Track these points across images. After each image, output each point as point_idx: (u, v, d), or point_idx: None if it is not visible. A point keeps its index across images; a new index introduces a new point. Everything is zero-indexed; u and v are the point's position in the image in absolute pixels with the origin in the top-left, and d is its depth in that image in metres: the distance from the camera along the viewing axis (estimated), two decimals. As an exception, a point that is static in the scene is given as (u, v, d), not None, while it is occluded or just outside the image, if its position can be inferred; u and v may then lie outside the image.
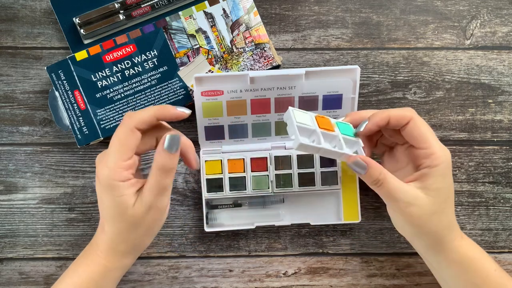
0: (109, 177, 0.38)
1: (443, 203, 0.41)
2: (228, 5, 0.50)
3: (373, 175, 0.40)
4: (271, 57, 0.51)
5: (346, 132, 0.42)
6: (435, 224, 0.41)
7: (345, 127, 0.43)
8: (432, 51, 0.54)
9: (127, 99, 0.50)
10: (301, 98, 0.49)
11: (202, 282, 0.51)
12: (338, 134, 0.41)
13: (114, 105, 0.50)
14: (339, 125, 0.43)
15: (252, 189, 0.49)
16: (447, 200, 0.41)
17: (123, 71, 0.50)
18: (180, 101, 0.50)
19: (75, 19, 0.50)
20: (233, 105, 0.48)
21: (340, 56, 0.53)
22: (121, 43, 0.50)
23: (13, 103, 0.52)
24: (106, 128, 0.49)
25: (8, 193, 0.51)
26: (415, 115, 0.41)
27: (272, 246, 0.52)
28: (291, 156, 0.50)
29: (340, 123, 0.43)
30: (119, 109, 0.50)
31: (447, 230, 0.42)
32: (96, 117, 0.49)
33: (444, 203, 0.41)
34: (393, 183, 0.40)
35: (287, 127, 0.41)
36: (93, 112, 0.49)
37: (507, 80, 0.54)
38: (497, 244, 0.52)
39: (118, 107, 0.50)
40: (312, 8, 0.54)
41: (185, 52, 0.50)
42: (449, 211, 0.42)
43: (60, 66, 0.49)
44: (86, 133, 0.49)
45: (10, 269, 0.51)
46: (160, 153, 0.38)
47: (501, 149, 0.53)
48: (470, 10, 0.54)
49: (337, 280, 0.52)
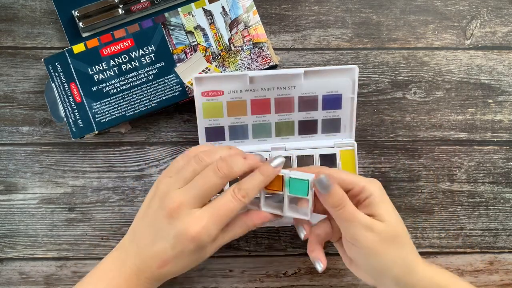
0: (203, 240, 0.37)
1: (397, 225, 0.39)
2: (227, 3, 0.50)
3: (338, 193, 0.38)
4: (268, 57, 0.50)
5: (296, 191, 0.40)
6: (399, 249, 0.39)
7: (299, 184, 0.40)
8: (432, 51, 0.53)
9: (123, 94, 0.49)
10: (300, 98, 0.48)
11: (202, 282, 0.51)
12: (284, 195, 0.41)
13: (110, 99, 0.49)
14: (292, 183, 0.40)
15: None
16: (400, 222, 0.40)
17: (120, 66, 0.49)
18: (176, 98, 0.49)
19: (74, 12, 0.49)
20: (233, 106, 0.48)
21: (340, 56, 0.53)
22: (119, 37, 0.49)
23: (13, 103, 0.51)
24: (101, 122, 0.49)
25: (8, 193, 0.51)
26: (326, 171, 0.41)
27: (272, 246, 0.52)
28: (291, 157, 0.49)
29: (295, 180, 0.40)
30: (114, 103, 0.49)
31: (413, 257, 0.39)
32: (91, 110, 0.49)
33: (399, 225, 0.39)
34: (352, 206, 0.39)
35: None
36: (89, 105, 0.49)
37: (507, 80, 0.53)
38: (497, 244, 0.52)
39: (114, 101, 0.49)
40: (312, 8, 0.53)
41: (182, 48, 0.50)
42: (407, 236, 0.40)
43: (57, 58, 0.48)
44: (81, 126, 0.49)
45: (10, 269, 0.50)
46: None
47: (501, 149, 0.52)
48: (470, 10, 0.53)
49: (337, 280, 0.51)
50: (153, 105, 0.49)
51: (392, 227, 0.39)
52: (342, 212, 0.39)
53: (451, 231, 0.52)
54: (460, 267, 0.52)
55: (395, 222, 0.39)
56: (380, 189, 0.40)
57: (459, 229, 0.52)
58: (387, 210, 0.39)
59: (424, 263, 0.40)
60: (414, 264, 0.39)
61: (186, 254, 0.37)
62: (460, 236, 0.52)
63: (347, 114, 0.49)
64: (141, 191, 0.51)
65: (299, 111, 0.49)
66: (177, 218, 0.37)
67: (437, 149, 0.52)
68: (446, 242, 0.52)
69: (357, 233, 0.38)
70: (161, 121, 0.52)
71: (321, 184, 0.39)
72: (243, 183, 0.39)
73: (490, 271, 0.52)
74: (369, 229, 0.38)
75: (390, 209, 0.40)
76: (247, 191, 0.38)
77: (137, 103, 0.49)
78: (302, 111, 0.49)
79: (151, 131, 0.52)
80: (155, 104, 0.49)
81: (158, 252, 0.37)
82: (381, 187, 0.41)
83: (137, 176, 0.51)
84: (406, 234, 0.40)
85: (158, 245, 0.37)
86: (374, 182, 0.41)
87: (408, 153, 0.52)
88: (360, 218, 0.38)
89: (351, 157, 0.49)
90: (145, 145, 0.52)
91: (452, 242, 0.52)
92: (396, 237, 0.39)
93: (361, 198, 0.40)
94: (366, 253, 0.39)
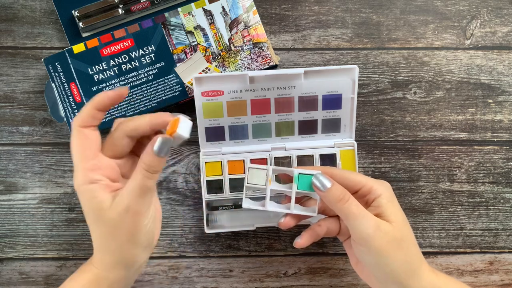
0: (78, 182, 0.34)
1: (404, 227, 0.38)
2: (227, 3, 0.49)
3: (338, 188, 0.37)
4: (268, 57, 0.49)
5: (304, 187, 0.40)
6: (405, 252, 0.37)
7: (307, 180, 0.40)
8: (432, 51, 0.52)
9: (122, 93, 0.48)
10: (300, 98, 0.47)
11: (202, 282, 0.50)
12: (293, 192, 0.40)
13: None
14: (300, 179, 0.40)
15: (253, 190, 0.48)
16: (407, 225, 0.38)
17: (120, 66, 0.48)
18: (176, 98, 0.48)
19: (74, 12, 0.48)
20: (233, 106, 0.47)
21: (340, 56, 0.52)
22: (119, 37, 0.48)
23: (13, 103, 0.50)
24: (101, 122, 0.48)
25: (8, 193, 0.50)
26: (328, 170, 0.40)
27: (272, 246, 0.51)
28: (291, 157, 0.48)
29: (303, 175, 0.40)
30: (114, 103, 0.48)
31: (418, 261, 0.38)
32: None
33: (405, 227, 0.38)
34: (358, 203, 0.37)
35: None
36: None
37: (507, 80, 0.52)
38: (497, 244, 0.51)
39: (114, 101, 0.48)
40: (312, 8, 0.52)
41: (182, 48, 0.49)
42: (413, 239, 0.39)
43: (57, 58, 0.47)
44: None
45: (10, 269, 0.50)
46: (149, 154, 0.34)
47: (501, 149, 0.52)
48: (470, 10, 0.52)
49: (337, 280, 0.50)
50: (153, 105, 0.48)
51: (399, 229, 0.37)
52: (346, 208, 0.37)
53: (451, 231, 0.51)
54: (460, 267, 0.51)
55: (402, 224, 0.38)
56: (389, 190, 0.39)
57: (459, 229, 0.51)
58: (395, 212, 0.38)
59: (430, 270, 0.39)
60: (419, 269, 0.38)
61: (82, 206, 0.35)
62: (460, 236, 0.51)
63: (347, 114, 0.48)
64: (141, 191, 0.50)
65: (299, 111, 0.48)
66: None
67: (437, 149, 0.51)
68: (446, 242, 0.51)
69: (364, 232, 0.37)
70: (161, 121, 0.51)
71: (318, 182, 0.38)
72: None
73: (490, 271, 0.51)
74: (376, 228, 0.37)
75: (398, 212, 0.38)
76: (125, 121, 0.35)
77: (137, 103, 0.48)
78: (302, 111, 0.48)
79: (151, 131, 0.51)
80: (155, 104, 0.48)
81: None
82: (390, 189, 0.39)
83: (137, 176, 0.50)
84: (413, 238, 0.39)
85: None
86: (383, 183, 0.40)
87: (408, 153, 0.51)
88: (366, 215, 0.37)
89: (351, 157, 0.48)
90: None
91: (452, 242, 0.51)
92: (402, 240, 0.37)
93: (369, 199, 0.39)
94: (373, 253, 0.37)
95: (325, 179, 0.38)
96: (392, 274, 0.37)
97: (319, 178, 0.38)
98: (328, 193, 0.38)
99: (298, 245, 0.41)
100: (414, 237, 0.39)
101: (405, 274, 0.37)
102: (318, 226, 0.42)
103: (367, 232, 0.37)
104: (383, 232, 0.37)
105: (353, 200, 0.37)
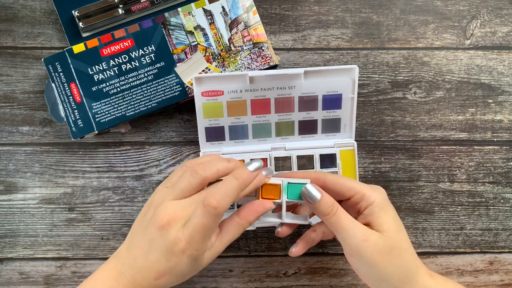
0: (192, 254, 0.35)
1: (396, 235, 0.37)
2: (227, 3, 0.49)
3: (327, 202, 0.37)
4: (268, 57, 0.49)
5: (294, 196, 0.39)
6: (397, 260, 0.37)
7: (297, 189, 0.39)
8: (432, 51, 0.52)
9: (123, 94, 0.47)
10: (300, 98, 0.47)
11: (202, 282, 0.50)
12: (283, 201, 0.39)
13: (110, 99, 0.47)
14: (290, 188, 0.39)
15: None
16: (399, 232, 0.38)
17: (120, 65, 0.47)
18: (176, 98, 0.48)
19: (74, 12, 0.48)
20: (233, 106, 0.47)
21: (340, 56, 0.52)
22: (119, 37, 0.47)
23: (13, 103, 0.50)
24: (101, 122, 0.47)
25: (8, 193, 0.50)
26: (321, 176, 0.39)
27: (272, 246, 0.50)
28: (291, 157, 0.48)
29: (293, 185, 0.39)
30: (114, 103, 0.47)
31: (413, 267, 0.38)
32: (91, 111, 0.47)
33: (397, 235, 0.37)
34: (346, 215, 0.37)
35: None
36: (89, 105, 0.47)
37: (507, 80, 0.52)
38: (497, 244, 0.51)
39: (114, 101, 0.47)
40: (312, 8, 0.52)
41: (182, 48, 0.48)
42: (407, 246, 0.38)
43: (57, 58, 0.47)
44: (81, 126, 0.47)
45: (10, 269, 0.49)
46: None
47: (501, 149, 0.51)
48: (470, 10, 0.52)
49: (337, 280, 0.50)
50: (153, 105, 0.48)
51: (390, 238, 0.37)
52: (334, 221, 0.37)
53: (451, 231, 0.51)
54: (460, 267, 0.50)
55: (393, 233, 0.37)
56: (382, 197, 0.38)
57: (459, 229, 0.51)
58: (387, 220, 0.37)
59: (428, 274, 0.38)
60: (416, 275, 0.37)
61: (181, 265, 0.35)
62: (460, 236, 0.51)
63: (347, 114, 0.48)
64: (141, 191, 0.50)
65: (299, 111, 0.47)
66: (168, 230, 0.34)
67: (437, 149, 0.51)
68: (446, 242, 0.50)
69: (353, 244, 0.36)
70: (161, 121, 0.51)
71: (307, 193, 0.37)
72: (213, 193, 0.34)
73: (490, 271, 0.50)
74: (365, 239, 0.36)
75: (391, 219, 0.38)
76: (218, 200, 0.34)
77: (137, 103, 0.48)
78: (302, 111, 0.47)
79: (151, 131, 0.51)
80: (155, 104, 0.48)
81: (153, 264, 0.35)
82: (384, 195, 0.39)
83: (137, 176, 0.50)
84: (407, 244, 0.38)
85: (152, 256, 0.35)
86: (377, 189, 0.39)
87: (408, 153, 0.51)
88: (353, 228, 0.36)
89: (351, 157, 0.48)
90: (145, 145, 0.51)
91: (452, 242, 0.51)
92: (393, 248, 0.37)
93: (362, 206, 0.38)
94: (364, 264, 0.37)
95: (314, 191, 0.37)
96: (386, 282, 0.37)
97: (308, 190, 0.38)
98: (318, 205, 0.37)
99: (293, 254, 0.41)
100: (410, 243, 0.38)
101: (399, 281, 0.37)
102: (313, 232, 0.41)
103: (356, 244, 0.36)
104: (372, 243, 0.36)
105: (341, 212, 0.37)
